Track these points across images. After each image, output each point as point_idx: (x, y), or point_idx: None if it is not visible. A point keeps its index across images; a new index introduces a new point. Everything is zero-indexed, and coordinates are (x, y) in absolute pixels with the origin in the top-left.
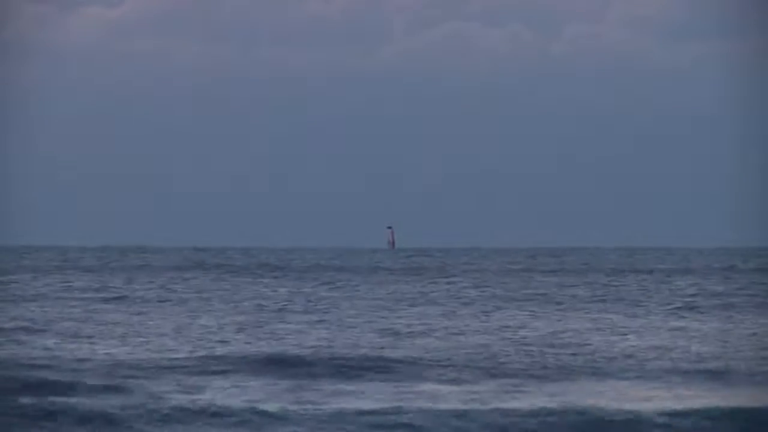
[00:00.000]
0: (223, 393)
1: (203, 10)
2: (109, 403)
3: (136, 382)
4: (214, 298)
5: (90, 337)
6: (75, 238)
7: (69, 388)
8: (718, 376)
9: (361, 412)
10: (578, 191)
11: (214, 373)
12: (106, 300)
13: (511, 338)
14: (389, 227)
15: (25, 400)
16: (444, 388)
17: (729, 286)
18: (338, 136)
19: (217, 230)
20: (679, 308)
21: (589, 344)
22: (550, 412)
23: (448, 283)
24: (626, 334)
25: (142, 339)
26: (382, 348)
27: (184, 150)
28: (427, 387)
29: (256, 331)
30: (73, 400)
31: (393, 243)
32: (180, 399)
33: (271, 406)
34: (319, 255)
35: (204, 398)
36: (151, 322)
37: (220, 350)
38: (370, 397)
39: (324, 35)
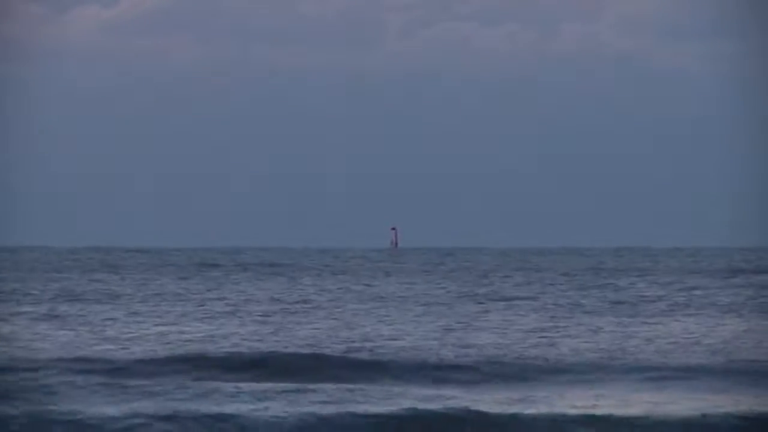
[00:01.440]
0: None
1: (199, 10)
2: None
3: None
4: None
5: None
6: (72, 239)
7: None
8: (722, 377)
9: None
10: (578, 191)
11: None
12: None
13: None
14: (393, 228)
15: None
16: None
17: (727, 285)
18: (337, 136)
19: (215, 231)
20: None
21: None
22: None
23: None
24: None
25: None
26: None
27: (183, 150)
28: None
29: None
30: None
31: (396, 243)
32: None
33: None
34: (307, 255)
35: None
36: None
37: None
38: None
39: (320, 35)
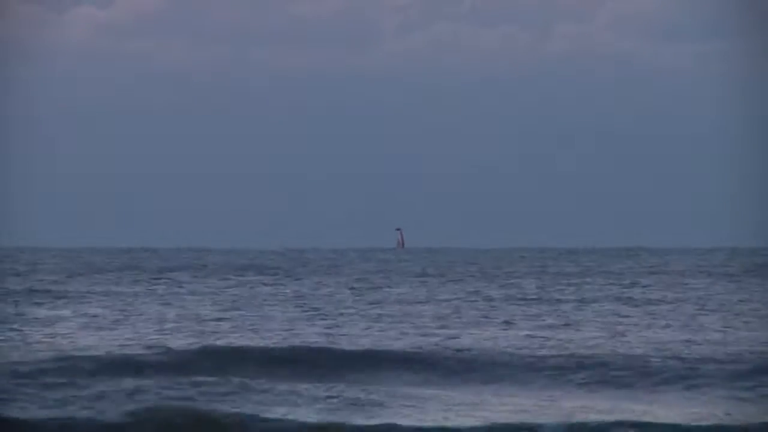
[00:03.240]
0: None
1: (195, 10)
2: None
3: None
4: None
5: None
6: (71, 240)
7: None
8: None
9: None
10: (576, 192)
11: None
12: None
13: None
14: (398, 228)
15: None
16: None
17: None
18: (338, 137)
19: (215, 231)
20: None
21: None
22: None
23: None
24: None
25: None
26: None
27: (179, 150)
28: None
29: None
30: None
31: (402, 244)
32: None
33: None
34: (300, 256)
35: None
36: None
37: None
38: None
39: (317, 36)
